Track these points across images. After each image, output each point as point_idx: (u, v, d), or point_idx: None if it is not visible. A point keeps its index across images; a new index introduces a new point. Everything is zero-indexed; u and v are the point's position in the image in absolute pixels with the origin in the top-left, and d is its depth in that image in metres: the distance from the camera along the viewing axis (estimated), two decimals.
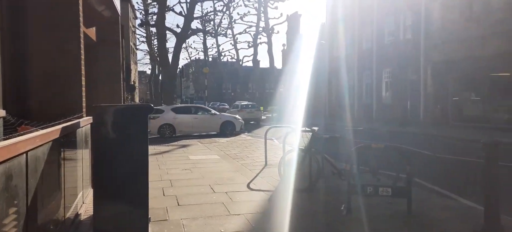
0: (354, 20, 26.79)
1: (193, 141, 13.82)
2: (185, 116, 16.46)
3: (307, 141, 6.19)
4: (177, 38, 25.56)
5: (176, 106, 17.95)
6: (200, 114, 17.08)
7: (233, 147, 11.68)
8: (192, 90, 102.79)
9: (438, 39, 18.72)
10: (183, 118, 16.29)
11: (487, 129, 15.65)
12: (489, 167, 3.50)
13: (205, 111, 17.53)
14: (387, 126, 19.64)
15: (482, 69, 16.74)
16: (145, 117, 3.62)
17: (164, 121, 15.76)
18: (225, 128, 16.66)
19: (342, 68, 28.59)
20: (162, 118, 15.83)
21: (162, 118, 15.82)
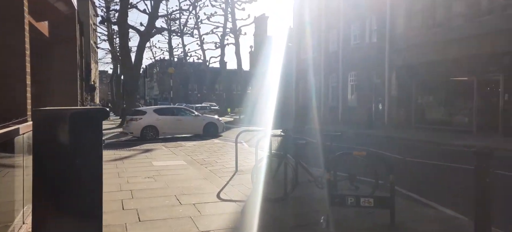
0: (320, 23, 26.99)
1: (157, 145, 13.09)
2: (168, 118, 16.08)
3: (280, 146, 5.82)
4: (140, 36, 24.50)
5: (158, 107, 17.35)
6: (183, 116, 16.77)
7: (201, 151, 11.12)
8: (156, 91, 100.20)
9: (402, 44, 19.15)
10: (166, 120, 15.90)
11: (448, 131, 16.15)
12: (481, 178, 3.27)
13: (188, 113, 17.20)
14: (353, 128, 19.81)
15: (443, 73, 17.28)
16: (98, 122, 3.06)
17: (147, 123, 15.30)
18: (208, 129, 16.52)
19: (309, 71, 28.75)
20: (145, 119, 15.37)
21: (145, 120, 15.36)
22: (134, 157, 10.05)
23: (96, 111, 3.26)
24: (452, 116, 17.02)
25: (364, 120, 21.03)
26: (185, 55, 58.93)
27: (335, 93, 25.84)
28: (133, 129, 15.23)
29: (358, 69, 22.99)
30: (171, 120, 16.13)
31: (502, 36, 13.92)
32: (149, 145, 12.88)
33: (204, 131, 16.44)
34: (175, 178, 7.19)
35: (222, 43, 42.89)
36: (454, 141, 13.24)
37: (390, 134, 16.79)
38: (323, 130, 19.23)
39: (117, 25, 22.71)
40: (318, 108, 27.33)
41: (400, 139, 15.10)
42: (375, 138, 15.90)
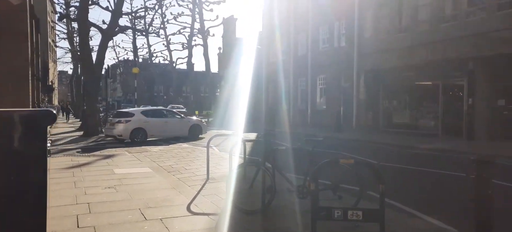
0: (289, 26, 26.93)
1: (119, 150, 12.21)
2: (156, 120, 16.07)
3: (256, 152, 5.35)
4: (102, 35, 23.18)
5: (145, 109, 17.17)
6: (170, 118, 16.81)
7: (168, 157, 10.44)
8: (120, 93, 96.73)
9: (369, 48, 19.38)
10: (154, 122, 15.88)
11: (415, 135, 16.45)
12: (482, 188, 2.99)
13: (173, 115, 17.26)
14: (322, 131, 19.76)
15: (409, 78, 17.63)
16: (41, 127, 2.47)
17: (136, 125, 15.08)
18: (193, 131, 16.80)
19: (279, 74, 28.58)
20: (134, 121, 15.15)
21: (134, 122, 15.14)
22: (93, 164, 9.22)
23: (41, 114, 2.65)
24: (418, 120, 17.38)
25: (333, 123, 21.11)
26: (151, 55, 57.18)
27: (304, 96, 25.83)
28: (121, 131, 14.83)
29: (327, 73, 23.08)
30: (159, 122, 16.06)
31: (466, 42, 14.33)
32: (111, 150, 11.99)
33: (189, 133, 16.56)
34: (140, 187, 6.54)
35: (189, 44, 41.94)
36: (422, 144, 13.42)
37: (359, 137, 16.84)
38: (294, 133, 19.05)
39: (76, 22, 21.33)
40: (287, 111, 27.22)
41: (369, 143, 15.14)
42: (345, 141, 15.86)
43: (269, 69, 30.35)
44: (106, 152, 11.70)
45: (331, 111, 22.23)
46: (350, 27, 20.89)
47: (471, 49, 14.16)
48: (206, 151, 7.78)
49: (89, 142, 15.69)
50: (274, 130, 22.12)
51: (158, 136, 15.82)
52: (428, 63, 16.04)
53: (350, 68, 20.78)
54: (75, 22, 25.50)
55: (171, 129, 16.33)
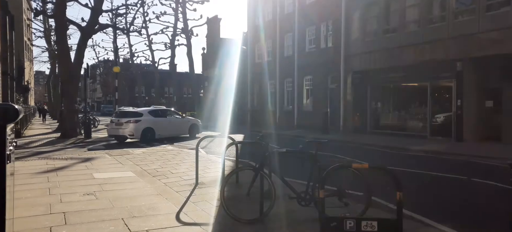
0: (275, 27, 26.58)
1: (99, 152, 11.51)
2: (162, 119, 16.63)
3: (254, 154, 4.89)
4: (81, 33, 22.21)
5: (152, 109, 17.39)
6: (172, 117, 17.57)
7: (152, 159, 9.84)
8: (99, 94, 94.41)
9: (357, 49, 19.23)
10: (161, 121, 16.44)
11: (403, 136, 16.33)
12: None
13: (175, 115, 18.00)
14: (309, 133, 19.46)
15: (398, 79, 17.53)
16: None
17: (146, 124, 15.48)
18: (192, 130, 17.74)
19: (264, 75, 28.21)
20: (143, 121, 15.54)
21: (144, 121, 15.53)
22: (71, 168, 8.54)
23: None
24: (407, 121, 17.29)
25: (320, 124, 20.86)
26: (132, 55, 55.88)
27: (290, 97, 25.52)
28: (133, 130, 15.09)
29: (314, 74, 22.84)
30: (165, 122, 16.69)
31: (454, 43, 14.29)
32: (90, 153, 11.27)
33: (189, 131, 17.56)
34: (122, 194, 5.97)
35: (172, 43, 41.06)
36: (412, 146, 13.25)
37: (347, 139, 16.59)
38: (282, 135, 18.65)
39: (53, 19, 20.32)
40: (274, 112, 26.86)
41: (358, 144, 14.89)
42: (333, 143, 15.57)
43: (254, 70, 29.95)
44: (85, 154, 10.98)
45: (318, 113, 21.98)
46: (336, 28, 20.70)
47: (460, 50, 14.12)
48: (193, 153, 7.29)
49: (67, 144, 14.86)
50: (261, 131, 21.73)
51: (164, 135, 16.12)
52: (416, 64, 15.96)
53: (337, 70, 20.58)
54: (52, 19, 24.39)
55: (175, 128, 17.04)
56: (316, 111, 22.34)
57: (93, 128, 25.49)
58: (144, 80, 64.66)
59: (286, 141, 15.97)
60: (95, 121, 25.88)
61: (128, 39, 54.96)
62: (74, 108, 17.21)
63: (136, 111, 16.29)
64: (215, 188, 6.38)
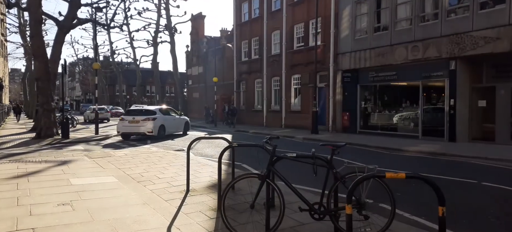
0: (262, 24, 26.00)
1: (78, 154, 10.63)
2: (168, 117, 17.93)
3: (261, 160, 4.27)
4: (58, 27, 21.05)
5: (160, 108, 18.35)
6: (175, 116, 18.77)
7: (136, 162, 9.06)
8: (78, 92, 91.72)
9: (347, 47, 18.85)
10: (169, 119, 17.79)
11: (395, 136, 16.03)
12: None
13: (174, 113, 19.22)
14: (298, 133, 18.99)
15: (388, 78, 17.22)
16: None
17: (161, 122, 16.72)
18: (185, 128, 19.10)
19: (251, 74, 27.59)
20: (158, 119, 16.68)
21: (159, 119, 16.66)
22: (45, 172, 7.69)
23: None
24: (398, 121, 17.01)
25: (308, 124, 20.44)
26: (113, 53, 54.27)
27: (278, 97, 24.98)
28: (151, 128, 16.14)
29: (302, 73, 22.36)
30: (171, 120, 18.02)
31: (447, 41, 14.04)
32: (67, 155, 10.38)
33: (183, 129, 18.89)
34: (103, 204, 5.23)
35: (155, 41, 39.93)
36: (405, 146, 12.91)
37: (337, 139, 16.12)
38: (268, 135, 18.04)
39: (27, 11, 19.07)
40: (260, 112, 26.28)
41: (348, 145, 14.44)
42: (316, 141, 15.08)
43: (240, 69, 29.28)
44: (61, 156, 10.09)
45: (306, 113, 21.55)
46: (326, 26, 20.29)
47: (453, 48, 13.87)
48: (180, 155, 6.63)
49: (43, 145, 13.85)
50: (248, 131, 21.13)
51: (170, 132, 17.43)
52: (408, 63, 15.68)
53: (326, 68, 20.17)
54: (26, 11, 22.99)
55: (176, 125, 18.37)
56: (305, 111, 21.90)
57: (71, 127, 24.34)
58: (125, 78, 63.03)
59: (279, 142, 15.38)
60: (73, 120, 24.69)
61: (108, 36, 53.34)
62: (50, 107, 16.13)
63: (151, 110, 17.21)
64: (208, 195, 5.73)
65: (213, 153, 11.64)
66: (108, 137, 17.24)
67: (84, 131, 21.52)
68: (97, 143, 15.22)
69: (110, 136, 17.63)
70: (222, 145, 13.35)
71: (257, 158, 6.28)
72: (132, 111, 17.69)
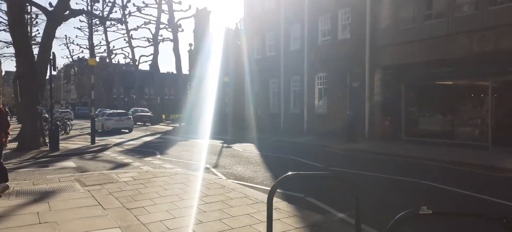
0: (279, 17, 23.15)
1: (66, 177, 7.68)
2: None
3: None
4: (48, 19, 18.14)
5: (129, 111, 21.18)
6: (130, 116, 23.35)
7: (151, 194, 6.13)
8: (74, 95, 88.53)
9: (387, 39, 16.03)
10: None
11: (453, 146, 13.22)
12: None
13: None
14: (327, 141, 16.15)
15: (444, 75, 14.43)
16: None
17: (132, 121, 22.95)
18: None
19: (265, 73, 24.73)
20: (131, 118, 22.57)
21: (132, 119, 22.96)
22: (9, 219, 4.77)
23: None
24: (456, 127, 14.17)
25: (337, 130, 17.63)
26: (110, 53, 51.27)
27: (298, 98, 22.12)
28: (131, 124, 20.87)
29: (329, 71, 19.52)
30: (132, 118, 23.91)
31: None
32: (51, 179, 7.43)
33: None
34: None
35: (155, 39, 37.01)
36: (476, 160, 10.14)
37: (379, 149, 13.30)
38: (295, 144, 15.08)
39: None
40: (277, 116, 23.41)
41: (396, 156, 11.63)
42: (363, 155, 12.23)
43: (252, 68, 26.40)
44: (42, 182, 7.14)
45: (334, 117, 18.70)
46: (359, 15, 17.44)
47: None
48: (211, 181, 3.83)
49: (24, 160, 10.92)
50: (270, 138, 18.26)
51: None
52: (473, 56, 12.85)
53: (360, 65, 17.32)
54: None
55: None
56: (332, 114, 19.05)
57: (64, 134, 21.32)
58: (123, 80, 60.01)
59: (325, 155, 12.46)
60: (66, 126, 21.71)
61: (105, 35, 50.25)
62: (35, 111, 13.17)
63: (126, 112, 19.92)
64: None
65: (246, 172, 8.70)
66: (107, 147, 14.30)
67: (78, 138, 18.55)
68: (93, 156, 12.27)
69: (109, 146, 14.69)
70: (253, 159, 10.45)
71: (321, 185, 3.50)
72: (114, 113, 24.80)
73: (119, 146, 15.47)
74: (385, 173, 8.57)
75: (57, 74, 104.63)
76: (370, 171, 8.83)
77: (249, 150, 13.31)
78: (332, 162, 10.50)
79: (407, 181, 7.68)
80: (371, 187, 7.17)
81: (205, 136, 19.56)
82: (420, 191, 6.92)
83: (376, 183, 7.57)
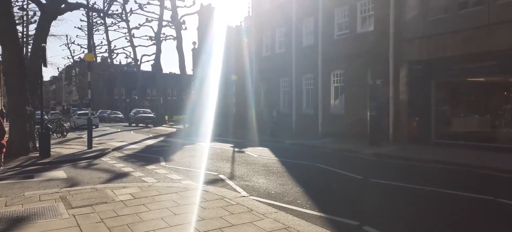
0: (290, 11, 21.62)
1: (49, 195, 6.17)
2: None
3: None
4: (42, 12, 16.74)
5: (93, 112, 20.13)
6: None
7: (156, 220, 4.61)
8: (75, 96, 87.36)
9: (414, 32, 14.48)
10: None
11: (495, 150, 11.64)
12: None
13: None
14: (346, 143, 14.62)
15: (482, 70, 12.86)
16: None
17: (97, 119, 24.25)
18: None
19: (275, 71, 23.21)
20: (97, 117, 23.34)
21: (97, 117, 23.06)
22: None
23: None
24: (498, 129, 12.59)
25: (356, 132, 16.13)
26: (111, 53, 49.88)
27: (312, 98, 20.57)
28: (98, 121, 21.62)
29: (346, 67, 17.97)
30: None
31: None
32: (33, 194, 5.90)
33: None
34: None
35: (157, 37, 35.53)
36: None
37: (407, 154, 11.74)
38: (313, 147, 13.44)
39: None
40: (288, 117, 21.85)
41: (430, 162, 10.08)
42: (390, 161, 10.65)
43: (260, 66, 24.90)
44: (20, 201, 5.63)
45: (353, 118, 17.17)
46: (381, 6, 15.89)
47: None
48: (233, 204, 2.74)
49: (7, 169, 9.43)
50: (283, 141, 16.71)
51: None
52: None
53: (382, 60, 15.75)
54: None
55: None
56: (350, 114, 17.50)
57: (61, 136, 19.88)
58: (125, 81, 58.71)
59: (343, 160, 10.87)
60: (62, 128, 20.28)
61: (106, 34, 48.94)
62: (24, 113, 11.67)
63: (93, 112, 19.05)
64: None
65: (271, 186, 7.12)
66: (105, 153, 12.79)
67: (75, 142, 17.07)
68: (88, 163, 10.76)
69: (107, 151, 13.18)
70: (273, 168, 8.91)
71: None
72: (83, 114, 27.70)
73: (118, 150, 13.98)
74: (450, 187, 6.96)
75: (59, 76, 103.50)
76: (428, 184, 7.22)
77: (264, 155, 11.76)
78: (367, 171, 8.94)
79: (484, 200, 6.08)
80: (465, 210, 5.57)
81: (212, 139, 18.05)
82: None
83: (466, 206, 5.89)
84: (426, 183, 7.41)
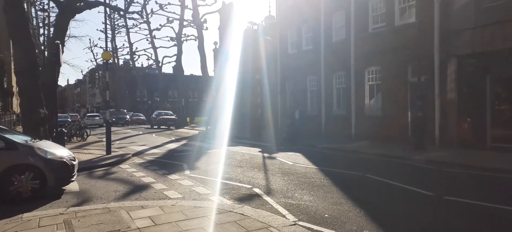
0: (318, 4, 20.18)
1: (53, 215, 5.07)
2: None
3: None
4: (60, 10, 16.16)
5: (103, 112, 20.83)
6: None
7: None
8: (99, 98, 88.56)
9: (466, 22, 12.82)
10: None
11: None
12: None
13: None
14: (387, 147, 13.10)
15: None
16: None
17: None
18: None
19: (301, 70, 21.83)
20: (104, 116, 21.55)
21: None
22: None
23: None
24: None
25: (396, 134, 14.60)
26: (132, 55, 49.69)
27: (343, 97, 19.07)
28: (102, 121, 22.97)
29: (383, 64, 16.42)
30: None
31: None
32: (33, 215, 4.81)
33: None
34: None
35: (178, 37, 34.75)
36: None
37: (460, 158, 10.17)
38: (352, 153, 11.93)
39: None
40: (317, 118, 20.43)
41: (501, 173, 8.48)
42: (458, 167, 9.09)
43: (285, 64, 23.58)
44: (16, 227, 4.56)
45: (392, 118, 15.61)
46: None
47: None
48: (277, 226, 2.22)
49: None
50: (316, 145, 15.32)
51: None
52: None
53: (426, 55, 14.13)
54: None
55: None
56: (388, 116, 15.94)
57: (81, 140, 19.20)
58: (147, 83, 58.56)
59: (394, 169, 9.44)
60: (82, 132, 19.59)
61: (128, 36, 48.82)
62: (37, 116, 10.80)
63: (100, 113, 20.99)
64: None
65: (322, 206, 5.80)
66: (124, 159, 11.79)
67: (94, 146, 16.23)
68: (105, 172, 9.74)
69: (127, 157, 12.18)
70: (315, 179, 7.56)
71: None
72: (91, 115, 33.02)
73: (139, 155, 12.98)
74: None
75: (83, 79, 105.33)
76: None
77: (300, 162, 10.43)
78: (434, 184, 7.42)
79: None
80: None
81: (237, 142, 16.86)
82: None
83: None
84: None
